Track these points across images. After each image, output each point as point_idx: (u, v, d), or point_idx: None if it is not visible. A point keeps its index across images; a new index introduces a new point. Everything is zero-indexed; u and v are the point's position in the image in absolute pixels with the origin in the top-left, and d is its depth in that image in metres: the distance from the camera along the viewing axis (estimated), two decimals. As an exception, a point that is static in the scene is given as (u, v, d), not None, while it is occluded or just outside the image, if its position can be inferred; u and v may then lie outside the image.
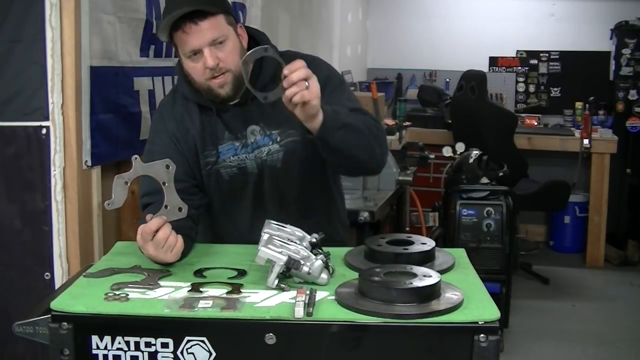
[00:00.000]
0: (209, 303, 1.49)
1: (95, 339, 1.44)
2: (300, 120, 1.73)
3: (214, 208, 2.04)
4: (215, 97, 1.88)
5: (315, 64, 1.91)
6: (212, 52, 1.81)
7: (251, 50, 1.73)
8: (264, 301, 1.51)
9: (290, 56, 1.89)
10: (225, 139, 1.96)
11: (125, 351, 1.44)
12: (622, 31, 5.80)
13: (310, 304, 1.46)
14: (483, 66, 6.10)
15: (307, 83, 1.65)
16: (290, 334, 1.44)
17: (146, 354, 1.44)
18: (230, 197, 2.00)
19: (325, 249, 1.68)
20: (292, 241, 1.63)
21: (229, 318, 1.45)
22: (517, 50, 6.37)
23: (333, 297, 1.52)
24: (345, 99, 1.93)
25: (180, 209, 1.71)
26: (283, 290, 1.56)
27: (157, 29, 1.89)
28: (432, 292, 1.49)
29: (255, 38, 1.97)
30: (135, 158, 1.70)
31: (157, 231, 1.65)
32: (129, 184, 1.69)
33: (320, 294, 1.53)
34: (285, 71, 1.66)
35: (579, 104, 5.90)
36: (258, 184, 1.97)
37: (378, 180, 3.66)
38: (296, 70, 1.65)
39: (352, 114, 1.84)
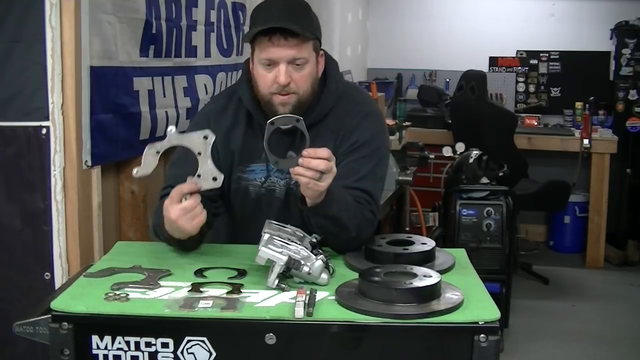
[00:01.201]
0: (209, 303, 1.49)
1: (95, 339, 1.44)
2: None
3: (235, 219, 2.03)
4: (272, 112, 1.82)
5: (367, 122, 1.91)
6: (288, 69, 1.78)
7: (283, 115, 1.71)
8: (264, 301, 1.51)
9: (353, 99, 1.92)
10: (262, 159, 1.93)
11: (126, 351, 1.44)
12: (622, 31, 5.80)
13: (310, 304, 1.46)
14: (483, 66, 6.09)
15: (321, 175, 1.63)
16: (290, 334, 1.44)
17: (146, 354, 1.44)
18: (253, 214, 1.97)
19: (325, 249, 1.68)
20: (292, 241, 1.63)
21: (229, 318, 1.45)
22: (517, 50, 6.37)
23: (333, 297, 1.52)
24: (364, 171, 1.88)
25: (215, 179, 1.69)
26: (283, 290, 1.56)
27: (250, 24, 1.85)
28: (432, 292, 1.49)
29: (325, 66, 1.93)
30: (171, 130, 1.69)
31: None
32: (160, 154, 1.67)
33: (320, 294, 1.53)
34: (305, 153, 1.63)
35: (579, 104, 5.90)
36: (283, 209, 1.94)
37: (378, 180, 3.65)
38: (318, 159, 1.63)
39: (351, 206, 1.80)
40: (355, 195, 1.84)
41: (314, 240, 1.66)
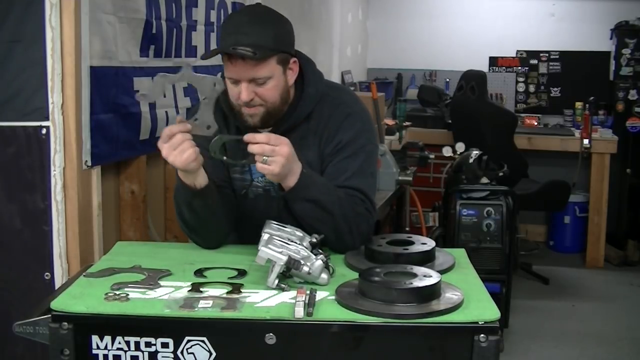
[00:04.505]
0: (209, 303, 1.49)
1: (95, 339, 1.44)
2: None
3: (237, 219, 2.03)
4: (243, 122, 1.88)
5: (350, 121, 1.92)
6: (249, 87, 1.79)
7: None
8: (264, 301, 1.52)
9: (336, 101, 1.94)
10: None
11: (125, 351, 1.44)
12: (622, 31, 5.79)
13: (310, 304, 1.46)
14: (483, 66, 6.10)
15: (265, 158, 1.71)
16: (290, 334, 1.44)
17: (146, 354, 1.44)
18: (251, 214, 1.98)
19: (325, 249, 1.68)
20: (292, 241, 1.63)
21: (229, 318, 1.45)
22: (517, 50, 6.37)
23: (333, 297, 1.52)
24: (352, 169, 1.89)
25: (209, 127, 1.74)
26: (283, 290, 1.56)
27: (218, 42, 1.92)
28: (432, 292, 1.49)
29: (302, 69, 1.93)
30: (188, 65, 1.73)
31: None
32: (170, 86, 1.72)
33: (320, 294, 1.53)
34: (245, 138, 1.73)
35: (579, 104, 5.90)
36: (280, 208, 1.94)
37: (378, 180, 3.65)
38: (253, 144, 1.72)
39: (334, 192, 1.82)
40: (346, 193, 1.85)
41: (314, 240, 1.66)
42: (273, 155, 1.71)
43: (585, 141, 5.23)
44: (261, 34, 1.78)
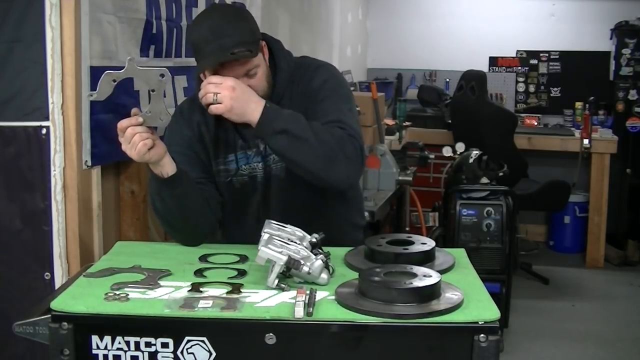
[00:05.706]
0: (209, 303, 1.49)
1: (95, 339, 1.44)
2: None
3: (224, 211, 2.07)
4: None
5: (318, 72, 1.99)
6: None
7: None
8: (264, 301, 1.52)
9: (308, 63, 2.03)
10: (239, 147, 2.00)
11: (125, 351, 1.44)
12: (622, 31, 5.80)
13: (310, 304, 1.46)
14: (483, 66, 6.10)
15: (214, 98, 1.77)
16: (290, 334, 1.44)
17: (146, 354, 1.44)
18: (240, 203, 2.03)
19: (325, 248, 1.68)
20: (292, 241, 1.63)
21: (229, 318, 1.45)
22: (517, 50, 6.37)
23: (333, 297, 1.52)
24: (328, 108, 1.93)
25: (161, 118, 1.77)
26: (283, 290, 1.57)
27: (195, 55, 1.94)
28: (432, 292, 1.49)
29: (271, 47, 2.00)
30: (131, 59, 1.76)
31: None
32: (116, 82, 1.74)
33: (320, 294, 1.54)
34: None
35: (579, 104, 5.91)
36: (265, 192, 2.00)
37: (378, 180, 3.67)
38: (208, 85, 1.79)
39: (304, 121, 1.83)
40: (323, 124, 1.88)
41: (314, 240, 1.66)
42: (219, 92, 1.75)
43: (585, 141, 5.23)
44: (240, 31, 1.84)
